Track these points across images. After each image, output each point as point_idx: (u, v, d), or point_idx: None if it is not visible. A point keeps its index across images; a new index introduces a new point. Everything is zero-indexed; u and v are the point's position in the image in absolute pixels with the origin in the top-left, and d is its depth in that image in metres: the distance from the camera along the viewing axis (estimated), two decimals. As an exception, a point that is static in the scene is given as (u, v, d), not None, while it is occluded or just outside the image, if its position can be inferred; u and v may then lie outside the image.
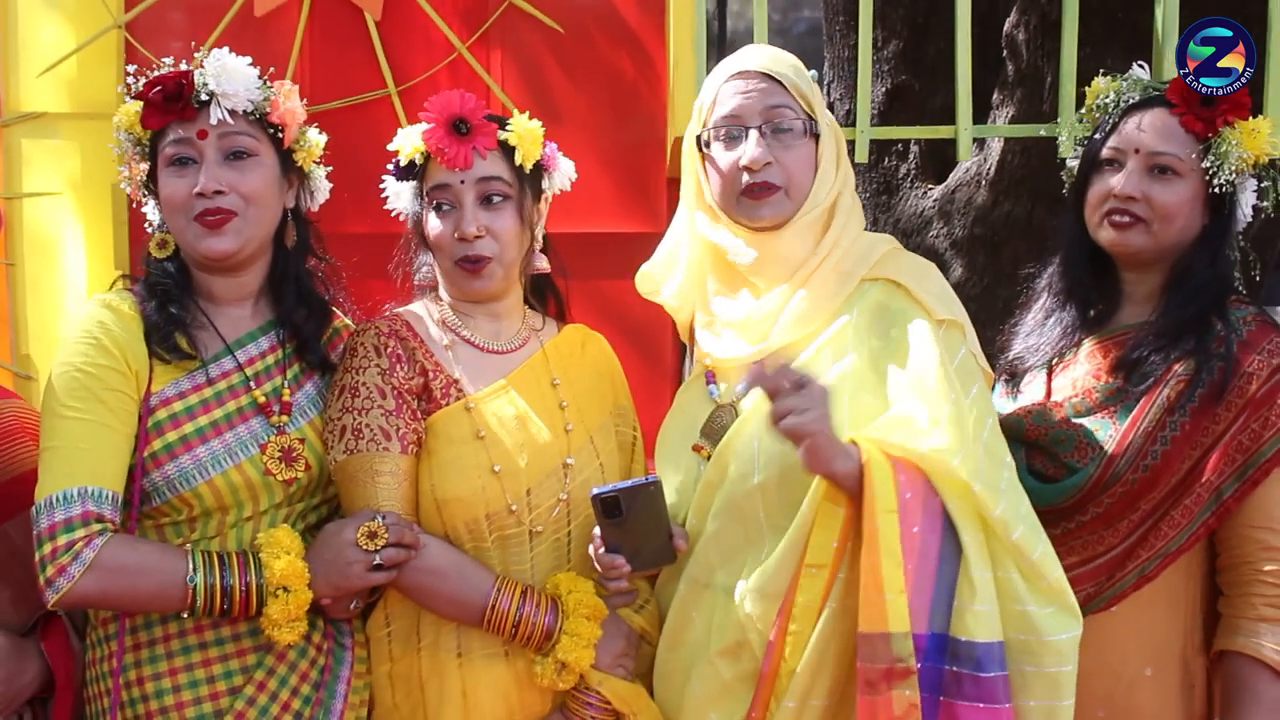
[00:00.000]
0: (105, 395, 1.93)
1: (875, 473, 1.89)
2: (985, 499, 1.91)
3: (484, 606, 2.00)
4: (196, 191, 2.00)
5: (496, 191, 2.09)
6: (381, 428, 2.01)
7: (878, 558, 1.87)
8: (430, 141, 2.08)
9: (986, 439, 1.98)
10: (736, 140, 2.08)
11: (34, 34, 3.07)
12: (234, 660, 1.97)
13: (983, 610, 1.89)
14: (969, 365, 2.04)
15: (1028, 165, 3.53)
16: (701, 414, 2.12)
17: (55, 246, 3.08)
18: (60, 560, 1.85)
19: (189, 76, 2.02)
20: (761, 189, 2.06)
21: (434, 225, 2.09)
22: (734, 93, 2.09)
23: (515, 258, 2.13)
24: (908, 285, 2.06)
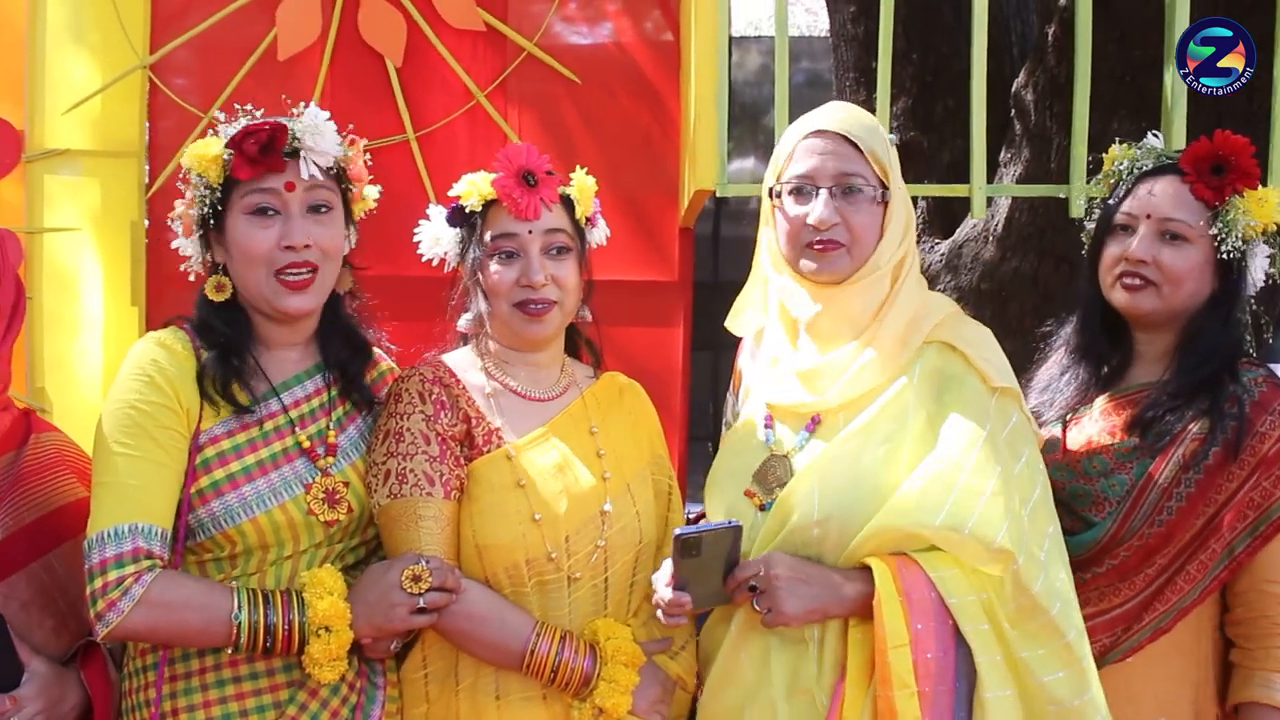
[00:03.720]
0: (157, 432, 1.97)
1: (885, 610, 1.95)
2: (1025, 574, 1.97)
3: (523, 651, 2.03)
4: (286, 245, 2.03)
5: (560, 243, 2.14)
6: (425, 473, 2.04)
7: (891, 690, 1.93)
8: (501, 190, 2.12)
9: (1032, 508, 2.04)
10: (807, 196, 2.11)
11: (61, 72, 3.10)
12: (267, 695, 1.99)
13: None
14: (1022, 432, 2.09)
15: (1035, 223, 3.59)
16: (754, 459, 2.16)
17: (74, 281, 3.10)
18: (110, 595, 1.88)
19: (284, 130, 2.04)
20: (824, 245, 2.10)
21: (496, 271, 2.13)
22: (810, 151, 2.12)
23: (574, 307, 2.18)
24: (965, 351, 2.09)
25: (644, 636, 2.13)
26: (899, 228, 2.15)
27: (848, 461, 2.05)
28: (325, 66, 3.16)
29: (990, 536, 1.96)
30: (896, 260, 2.14)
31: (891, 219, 2.13)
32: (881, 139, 2.15)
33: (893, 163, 2.15)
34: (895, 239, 2.14)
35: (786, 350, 2.19)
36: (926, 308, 2.16)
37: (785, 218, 2.14)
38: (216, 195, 2.07)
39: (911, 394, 2.08)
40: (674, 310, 3.26)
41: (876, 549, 2.01)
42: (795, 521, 2.06)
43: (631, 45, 3.26)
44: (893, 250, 2.13)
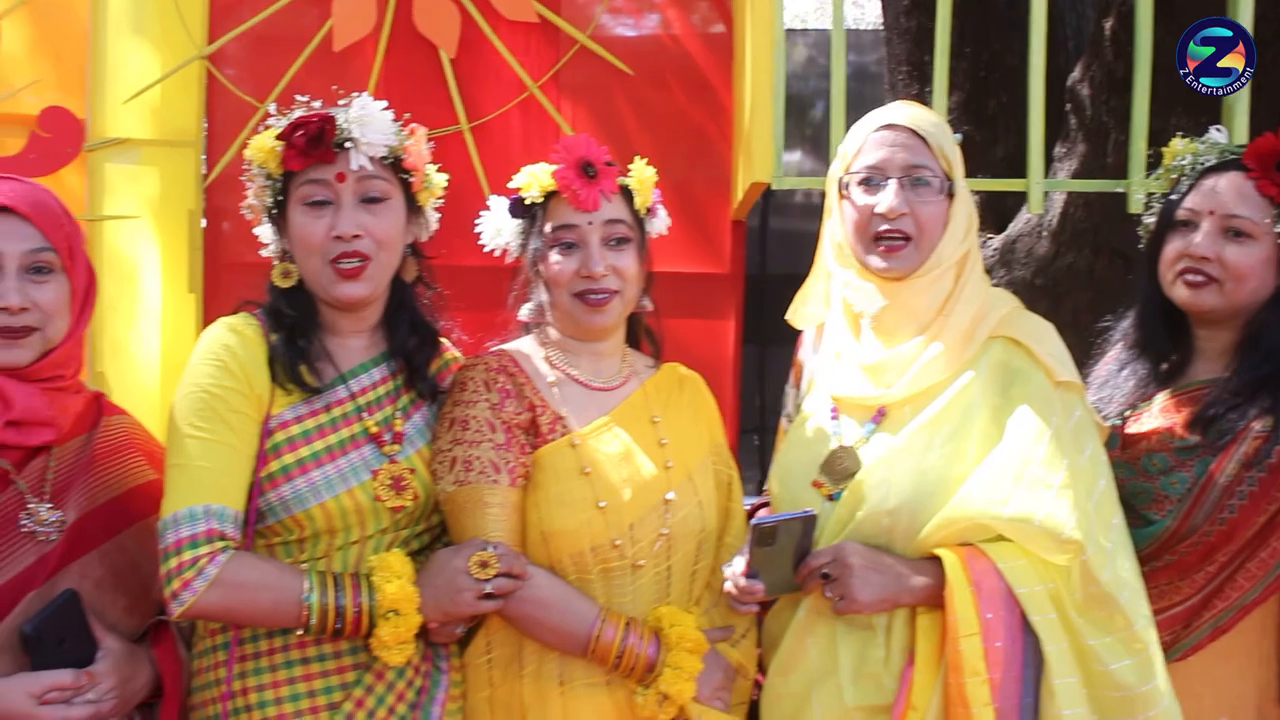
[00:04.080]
0: (229, 416, 1.99)
1: (957, 599, 1.98)
2: (1094, 564, 2.00)
3: (588, 637, 2.05)
4: (335, 235, 2.05)
5: (620, 234, 2.16)
6: (491, 460, 2.07)
7: (962, 677, 1.97)
8: (561, 181, 2.13)
9: (1098, 499, 2.06)
10: (876, 188, 2.14)
11: (121, 63, 3.14)
12: (334, 676, 2.02)
13: (1064, 714, 1.98)
14: (1085, 425, 2.11)
15: (1090, 218, 3.56)
16: (821, 450, 2.18)
17: (133, 268, 3.14)
18: (185, 575, 1.92)
19: (332, 121, 2.06)
20: (892, 239, 2.13)
21: (557, 262, 2.15)
22: (880, 143, 2.15)
23: (634, 297, 2.20)
24: (1029, 345, 2.12)
25: (706, 625, 2.14)
26: (963, 222, 2.17)
27: (916, 454, 2.08)
28: (380, 58, 3.18)
29: (1060, 528, 1.98)
30: (960, 255, 2.16)
31: (956, 213, 2.16)
32: (948, 135, 2.19)
33: (958, 159, 2.18)
34: (959, 233, 2.16)
35: (850, 343, 2.20)
36: (990, 303, 2.18)
37: (854, 208, 2.16)
38: (277, 186, 2.10)
39: (977, 388, 2.10)
40: (726, 302, 3.26)
41: (945, 539, 2.05)
42: (866, 511, 2.09)
43: (684, 37, 3.26)
44: (957, 244, 2.15)
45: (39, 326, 1.96)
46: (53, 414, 1.98)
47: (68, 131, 3.12)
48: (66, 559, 1.96)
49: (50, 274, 1.99)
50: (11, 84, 3.12)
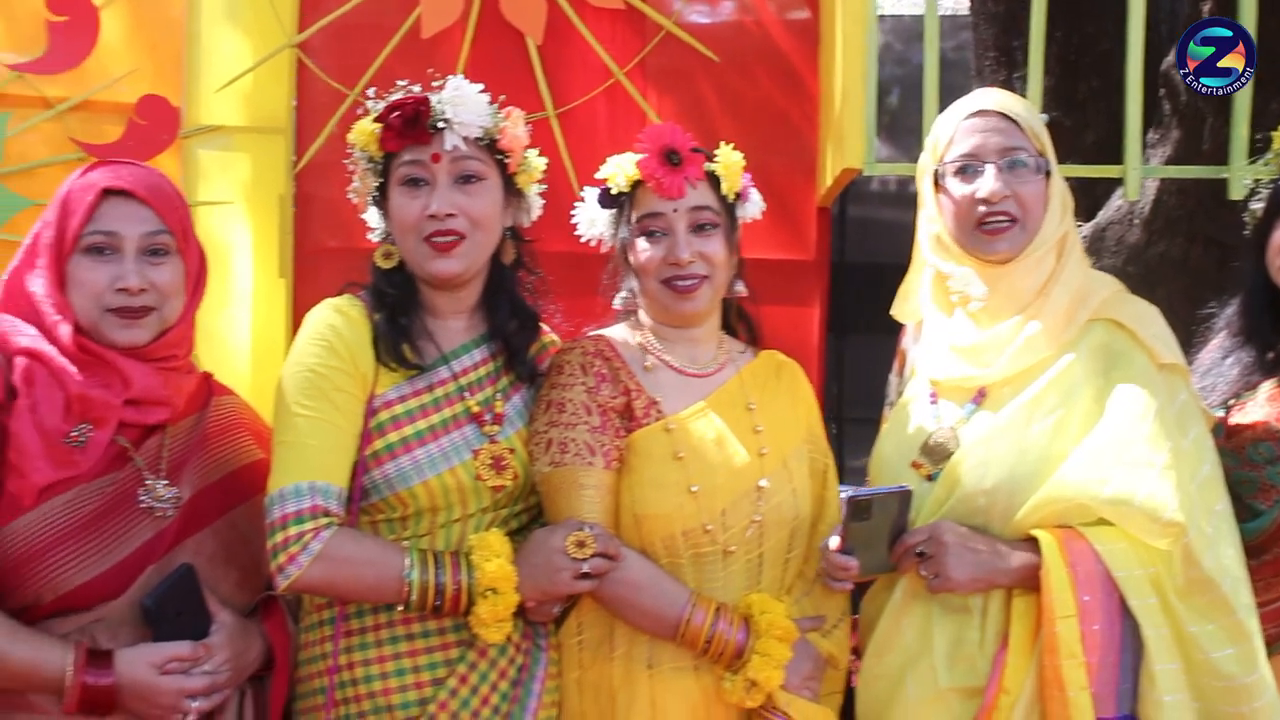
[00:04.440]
0: (335, 395, 2.03)
1: (1053, 580, 1.97)
2: (1195, 548, 1.97)
3: (678, 621, 2.06)
4: (429, 214, 2.09)
5: (707, 220, 2.17)
6: (587, 443, 2.09)
7: (1058, 659, 1.95)
8: (645, 170, 2.15)
9: (1201, 483, 2.03)
10: (973, 175, 2.14)
11: (215, 51, 3.23)
12: (439, 653, 2.05)
13: (1166, 700, 1.96)
14: (1189, 409, 2.09)
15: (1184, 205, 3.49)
16: (921, 432, 2.19)
17: (225, 252, 3.21)
18: (291, 549, 1.96)
19: (426, 103, 2.10)
20: (997, 222, 2.12)
21: (644, 250, 2.17)
22: (972, 130, 2.15)
23: (724, 282, 2.20)
24: (1132, 327, 2.11)
25: (797, 613, 2.14)
26: (1060, 202, 2.16)
27: (1015, 433, 2.07)
28: (467, 45, 3.21)
29: (1160, 509, 1.96)
30: (1060, 235, 2.14)
31: (1053, 193, 2.15)
32: (1037, 117, 2.19)
33: (1048, 140, 2.18)
34: (1058, 213, 2.15)
35: (948, 328, 2.20)
36: (1091, 285, 2.16)
37: (951, 199, 2.16)
38: (379, 168, 2.15)
39: (1079, 369, 2.08)
40: (811, 290, 3.27)
41: (1043, 520, 2.03)
42: (963, 491, 2.08)
43: (768, 23, 3.27)
44: (1057, 224, 2.14)
45: (156, 307, 2.01)
46: (168, 393, 2.04)
47: (164, 119, 3.21)
48: (182, 535, 2.01)
49: (167, 256, 2.04)
50: (110, 73, 3.20)
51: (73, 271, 1.98)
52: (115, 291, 1.97)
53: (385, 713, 2.04)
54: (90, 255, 1.98)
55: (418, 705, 2.03)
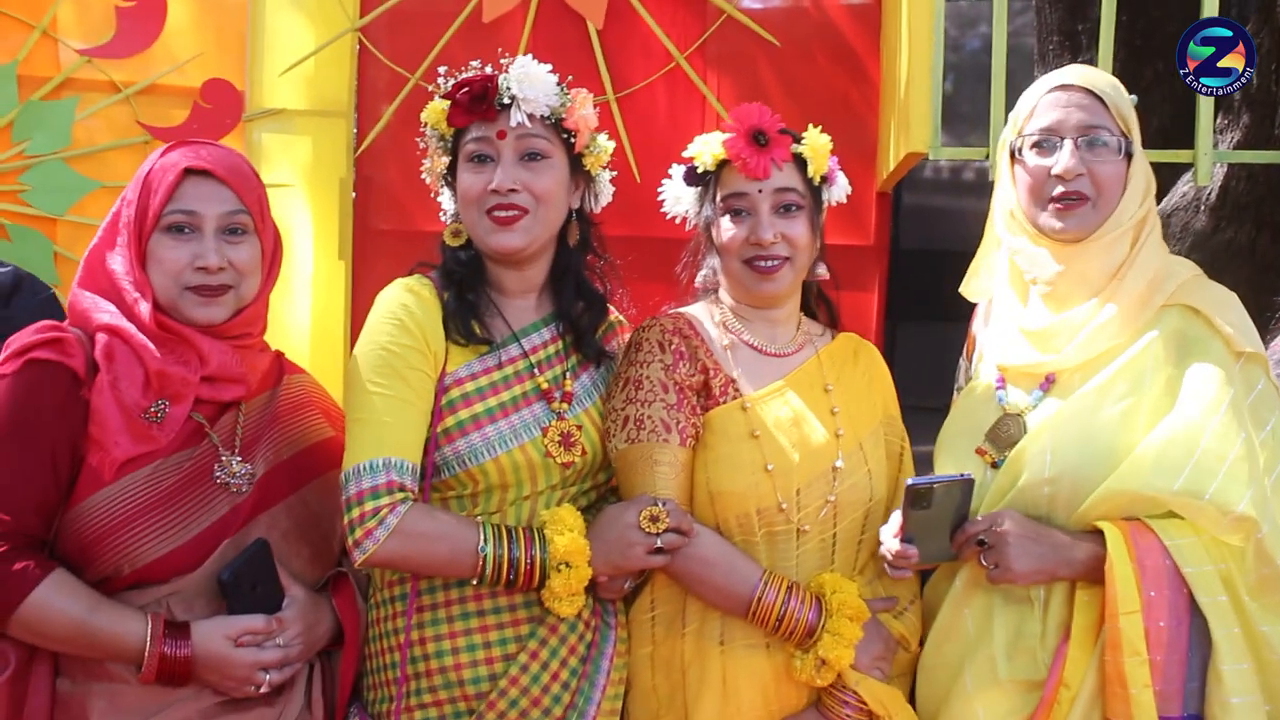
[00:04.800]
0: (407, 373, 2.05)
1: (1118, 574, 1.92)
2: (1270, 544, 1.92)
3: (750, 598, 2.06)
4: (492, 188, 2.10)
5: (791, 202, 2.16)
6: (663, 420, 2.09)
7: (1120, 656, 1.90)
8: (731, 150, 2.15)
9: (1277, 476, 1.98)
10: (1051, 149, 2.09)
11: (278, 35, 3.25)
12: (509, 629, 2.07)
13: (1234, 702, 1.90)
14: (1268, 399, 2.03)
15: (1253, 192, 3.44)
16: (987, 418, 2.15)
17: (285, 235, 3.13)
18: (367, 525, 1.98)
19: (494, 80, 2.13)
20: (1070, 200, 2.07)
21: (727, 229, 2.16)
22: (1054, 105, 2.11)
23: (806, 264, 2.20)
24: (1208, 314, 2.05)
25: (869, 594, 2.14)
26: (1141, 184, 2.11)
27: (1082, 421, 2.03)
28: (528, 29, 3.21)
29: (1232, 503, 1.91)
30: (1139, 219, 2.10)
31: (1135, 175, 2.10)
32: (1124, 96, 2.13)
33: (1134, 121, 2.12)
34: (1138, 195, 2.10)
35: (1018, 311, 2.16)
36: (1168, 270, 2.11)
37: (1027, 171, 2.11)
38: (448, 145, 2.18)
39: (1151, 356, 2.03)
40: (870, 275, 3.24)
41: (1109, 512, 1.98)
42: (1026, 480, 2.04)
43: (830, 7, 3.24)
44: (1135, 207, 2.09)
45: (233, 285, 2.04)
46: (243, 371, 2.06)
47: (228, 102, 3.24)
48: (256, 510, 2.03)
49: (244, 235, 2.07)
50: (176, 58, 3.24)
51: (153, 250, 2.01)
52: (195, 270, 2.00)
53: (456, 688, 2.05)
54: (171, 234, 2.01)
55: (488, 681, 2.05)
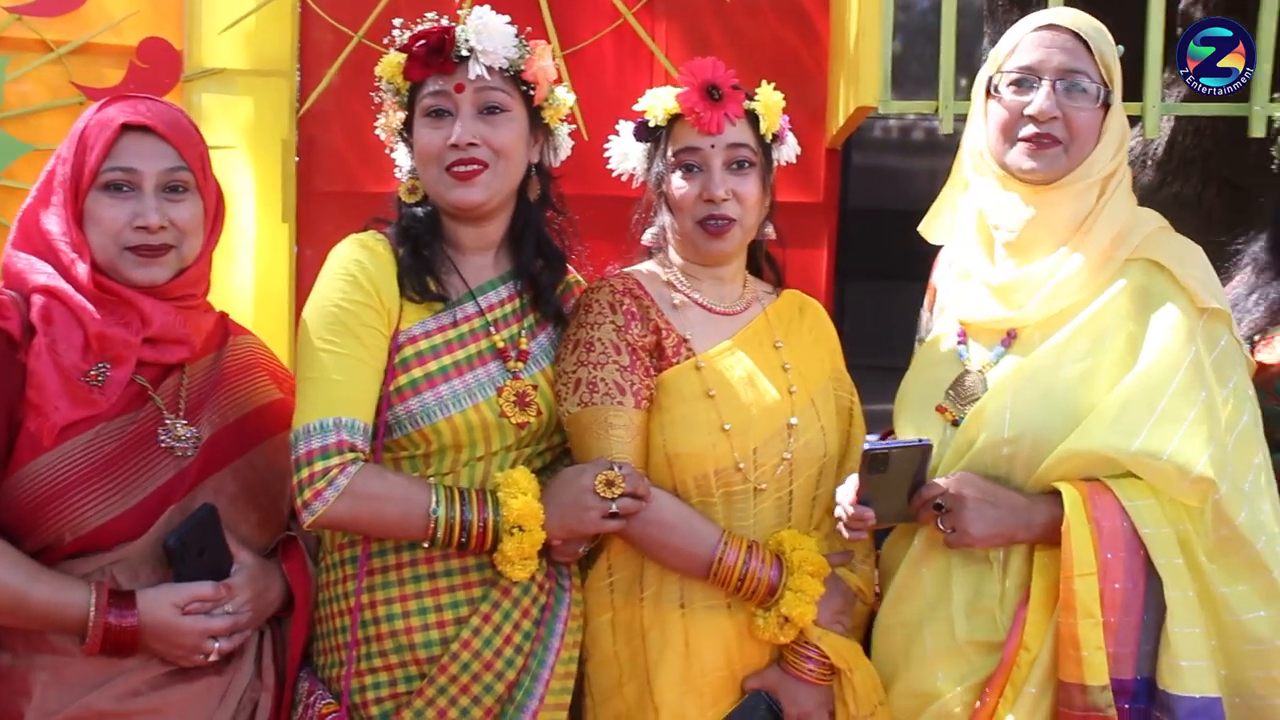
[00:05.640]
0: (360, 330, 2.01)
1: (1074, 536, 1.90)
2: (1228, 504, 1.91)
3: (710, 559, 2.04)
4: (451, 143, 2.06)
5: (743, 158, 2.13)
6: (616, 382, 2.07)
7: (1074, 618, 1.89)
8: (685, 104, 2.11)
9: (1238, 436, 1.96)
10: (1028, 88, 2.04)
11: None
12: (461, 592, 2.04)
13: (1181, 665, 1.88)
14: (1231, 355, 2.01)
15: (1200, 146, 3.47)
16: (947, 374, 2.12)
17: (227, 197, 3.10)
18: (316, 485, 1.94)
19: (451, 32, 2.08)
20: (1041, 140, 2.03)
21: (679, 186, 2.13)
22: (1037, 44, 2.05)
23: (754, 223, 2.17)
24: (1171, 268, 2.01)
25: (825, 550, 2.13)
26: (1116, 136, 2.07)
27: (1043, 378, 2.00)
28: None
29: (1190, 464, 1.88)
30: (1109, 172, 2.06)
31: (1111, 125, 2.06)
32: (1110, 44, 2.07)
33: (1118, 70, 2.07)
34: (1111, 147, 2.06)
35: (981, 264, 2.13)
36: (1134, 223, 2.07)
37: (1002, 105, 2.06)
38: (404, 100, 2.13)
39: (1113, 312, 2.00)
40: (819, 232, 3.25)
41: (1068, 472, 1.96)
42: (986, 438, 2.02)
43: (779, -37, 3.21)
44: (1108, 159, 2.05)
45: (175, 245, 1.98)
46: (187, 332, 2.01)
47: (165, 62, 3.16)
48: (202, 475, 1.99)
49: (186, 193, 2.01)
50: (111, 16, 3.15)
51: (90, 209, 1.94)
52: (134, 229, 1.94)
53: (407, 651, 2.03)
54: (108, 192, 1.95)
55: (440, 644, 2.02)
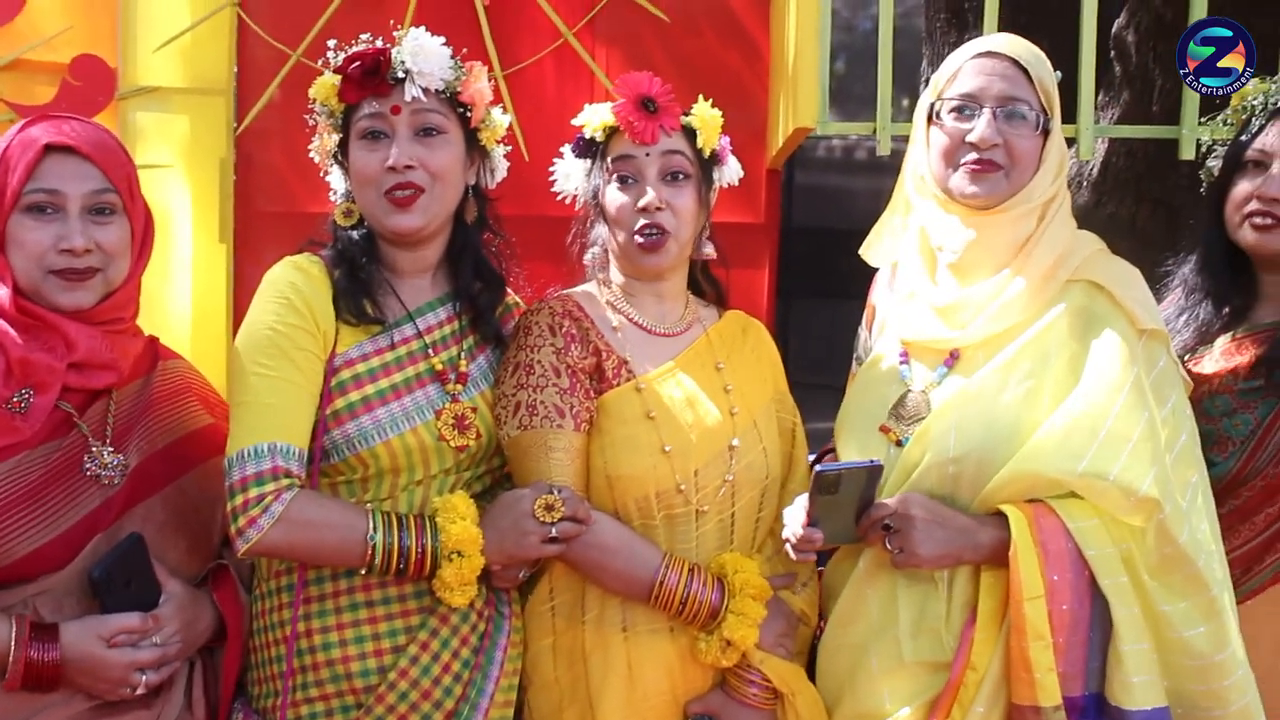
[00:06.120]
0: (295, 354, 1.99)
1: (1021, 560, 1.92)
2: (1171, 524, 1.93)
3: (652, 583, 2.03)
4: (388, 165, 2.05)
5: (678, 167, 2.13)
6: (556, 405, 2.05)
7: (1025, 640, 1.90)
8: (620, 115, 2.12)
9: (1177, 455, 1.99)
10: (969, 116, 2.06)
11: (152, 10, 3.12)
12: (399, 620, 2.02)
13: (1133, 681, 1.91)
14: (1169, 376, 2.04)
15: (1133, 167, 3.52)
16: (890, 395, 2.13)
17: (164, 217, 3.09)
18: (251, 512, 1.91)
19: (387, 54, 2.06)
20: (982, 165, 2.05)
21: (614, 197, 2.13)
22: (977, 71, 2.08)
23: (689, 237, 2.16)
24: (1112, 290, 2.04)
25: (768, 572, 2.12)
26: (1055, 162, 2.09)
27: (987, 399, 2.01)
28: (413, 3, 3.13)
29: (1135, 485, 1.91)
30: (1049, 196, 2.08)
31: (1050, 151, 2.08)
32: (1049, 71, 2.10)
33: (1056, 96, 2.10)
34: (1051, 172, 2.09)
35: (924, 284, 2.14)
36: (1074, 245, 2.10)
37: (944, 132, 2.09)
38: (339, 123, 2.11)
39: (1055, 333, 2.02)
40: (761, 252, 3.25)
41: (1014, 494, 1.98)
42: (931, 458, 2.03)
43: (720, -16, 3.22)
44: (1048, 184, 2.08)
45: (101, 268, 1.94)
46: (114, 357, 1.97)
47: (99, 79, 3.11)
48: (130, 503, 1.95)
49: (112, 215, 1.97)
50: (43, 32, 3.09)
51: (12, 231, 1.90)
52: (59, 252, 1.90)
53: (344, 681, 2.00)
54: (31, 214, 1.91)
55: (377, 673, 1.99)
